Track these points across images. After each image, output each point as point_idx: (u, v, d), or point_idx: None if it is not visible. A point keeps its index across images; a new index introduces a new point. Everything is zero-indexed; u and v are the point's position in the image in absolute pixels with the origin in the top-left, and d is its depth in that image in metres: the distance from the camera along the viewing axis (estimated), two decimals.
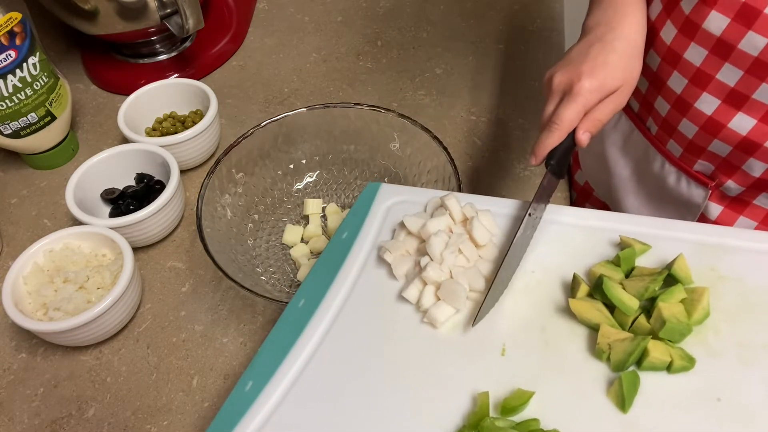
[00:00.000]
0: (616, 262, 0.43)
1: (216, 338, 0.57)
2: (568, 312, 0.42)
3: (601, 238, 0.46)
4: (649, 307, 0.40)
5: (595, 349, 0.39)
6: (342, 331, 0.42)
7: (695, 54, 0.50)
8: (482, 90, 0.79)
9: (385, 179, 0.65)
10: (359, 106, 0.62)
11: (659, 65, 0.54)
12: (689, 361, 0.38)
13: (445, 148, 0.58)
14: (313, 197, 0.65)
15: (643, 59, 0.52)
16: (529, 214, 0.45)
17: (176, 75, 0.81)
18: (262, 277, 0.58)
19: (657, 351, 0.38)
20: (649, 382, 0.37)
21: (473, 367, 0.40)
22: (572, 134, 0.47)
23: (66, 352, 0.57)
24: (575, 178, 0.77)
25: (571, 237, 0.46)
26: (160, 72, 0.81)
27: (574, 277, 0.43)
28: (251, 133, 0.61)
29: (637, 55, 0.50)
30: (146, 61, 0.83)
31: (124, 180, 0.67)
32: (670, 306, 0.39)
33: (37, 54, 0.65)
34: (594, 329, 0.40)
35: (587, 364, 0.39)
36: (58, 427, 0.53)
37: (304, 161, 0.66)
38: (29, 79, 0.64)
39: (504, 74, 0.81)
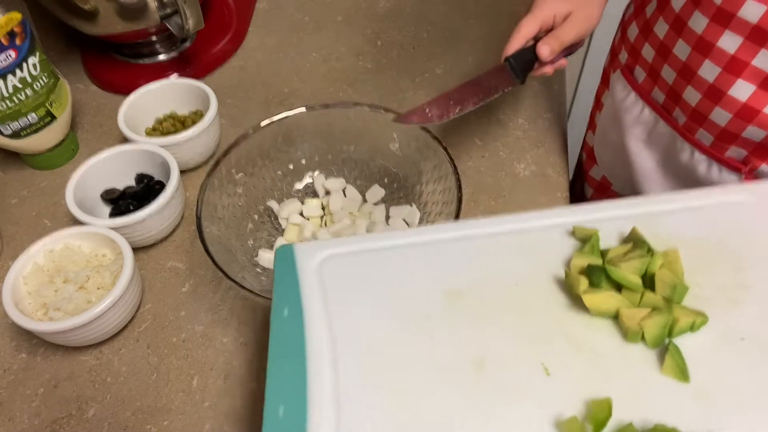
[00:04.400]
0: (588, 251, 0.42)
1: (216, 338, 0.57)
2: (577, 311, 0.40)
3: (551, 235, 0.45)
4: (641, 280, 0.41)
5: (627, 335, 0.38)
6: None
7: (730, 42, 0.51)
8: None
9: (385, 179, 0.65)
10: (359, 106, 0.62)
11: (689, 55, 0.55)
12: (704, 315, 0.38)
13: (445, 148, 0.58)
14: (313, 197, 0.65)
15: (671, 50, 0.56)
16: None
17: (176, 75, 0.81)
18: (263, 278, 0.58)
19: (683, 315, 0.38)
20: (682, 345, 0.38)
21: (529, 395, 0.37)
22: (534, 48, 0.56)
23: (66, 352, 0.57)
24: (591, 174, 0.78)
25: (525, 242, 0.45)
26: (160, 72, 0.81)
27: (567, 274, 0.42)
28: (251, 134, 0.61)
29: None
30: (146, 61, 0.83)
31: (124, 180, 0.67)
32: (663, 272, 0.40)
33: (37, 54, 0.65)
34: (609, 317, 0.39)
35: (625, 350, 0.38)
36: (58, 427, 0.53)
37: (304, 161, 0.66)
38: (29, 80, 0.65)
39: None
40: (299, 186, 0.66)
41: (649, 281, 0.40)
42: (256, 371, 0.55)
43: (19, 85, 0.64)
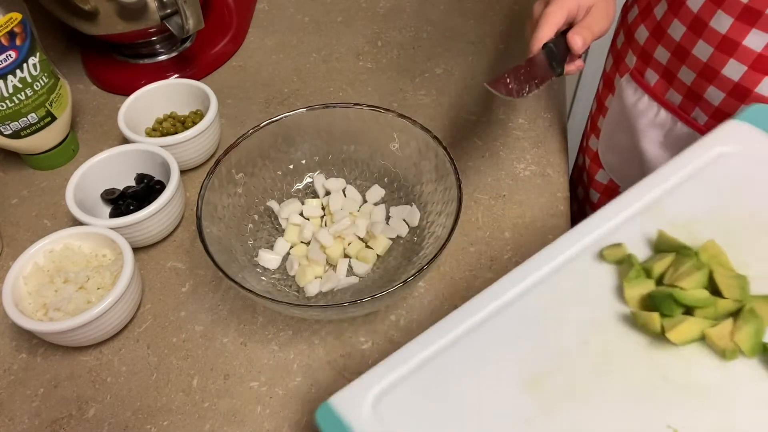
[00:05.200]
0: (635, 276, 0.39)
1: (216, 338, 0.57)
2: (661, 348, 0.37)
3: (582, 269, 0.41)
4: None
5: (725, 354, 0.36)
6: None
7: (757, 40, 0.51)
8: (482, 90, 0.79)
9: (385, 179, 0.65)
10: (359, 106, 0.62)
11: (711, 55, 0.55)
12: None
13: (445, 148, 0.58)
14: (313, 197, 0.65)
15: (689, 51, 0.56)
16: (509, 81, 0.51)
17: (176, 75, 0.81)
18: (263, 278, 0.58)
19: (763, 309, 0.36)
20: None
21: None
22: (565, 38, 0.53)
23: (66, 352, 0.57)
24: (596, 179, 0.78)
25: (561, 289, 0.41)
26: (160, 72, 0.81)
27: (636, 315, 0.38)
28: (251, 134, 0.61)
29: None
30: (146, 61, 0.83)
31: (125, 180, 0.67)
32: (719, 273, 0.38)
33: (38, 54, 0.65)
34: (695, 341, 0.37)
35: (731, 370, 0.36)
36: (59, 427, 0.53)
37: (304, 161, 0.66)
38: (29, 80, 0.65)
39: None
40: (299, 186, 0.66)
41: (713, 288, 0.38)
42: (256, 371, 0.55)
43: (19, 85, 0.64)
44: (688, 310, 0.38)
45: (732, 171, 0.44)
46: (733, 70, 0.54)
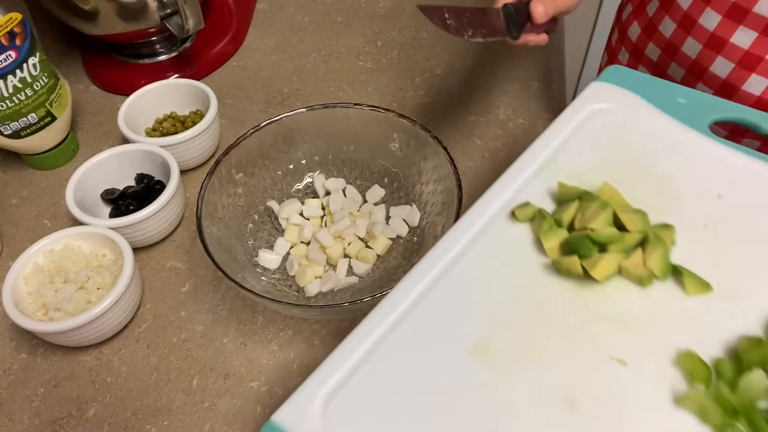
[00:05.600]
0: (548, 228, 0.42)
1: (216, 338, 0.57)
2: (588, 289, 0.40)
3: (499, 231, 0.43)
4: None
5: (642, 282, 0.39)
6: None
7: (744, 37, 0.52)
8: (482, 90, 0.79)
9: (385, 179, 0.65)
10: (359, 106, 0.62)
11: (700, 52, 0.55)
12: (670, 225, 0.42)
13: (445, 148, 0.58)
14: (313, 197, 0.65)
15: (679, 48, 0.56)
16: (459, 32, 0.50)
17: (176, 75, 0.81)
18: (263, 278, 0.58)
19: (665, 236, 0.40)
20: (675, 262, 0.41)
21: (630, 385, 0.36)
22: (528, 6, 0.52)
23: (66, 352, 0.57)
24: None
25: (485, 253, 0.42)
26: (160, 72, 0.81)
27: (558, 261, 0.40)
28: (251, 134, 0.61)
29: None
30: (146, 61, 0.83)
31: (124, 180, 0.67)
32: (622, 208, 0.42)
33: (37, 54, 0.65)
34: (615, 276, 0.40)
35: (652, 295, 0.39)
36: (59, 427, 0.53)
37: (304, 161, 0.66)
38: (29, 80, 0.65)
39: (504, 74, 0.81)
40: (299, 186, 0.66)
41: (618, 225, 0.42)
42: (256, 371, 0.55)
43: (19, 85, 0.64)
44: (602, 248, 0.41)
45: (607, 123, 0.49)
46: (721, 67, 0.54)
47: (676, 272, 0.40)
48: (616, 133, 0.48)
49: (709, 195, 0.44)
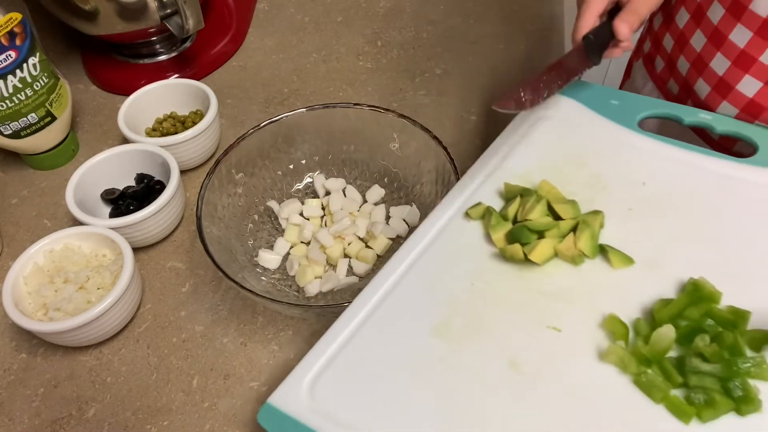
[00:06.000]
0: (496, 222, 0.48)
1: (216, 338, 0.57)
2: (529, 270, 0.46)
3: (456, 229, 0.50)
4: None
5: (574, 261, 0.45)
6: None
7: (740, 35, 0.51)
8: (482, 90, 0.79)
9: (385, 179, 0.65)
10: (359, 106, 0.62)
11: (704, 46, 0.55)
12: (599, 211, 0.48)
13: (445, 148, 0.58)
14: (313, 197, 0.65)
15: (688, 40, 0.56)
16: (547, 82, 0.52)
17: (176, 75, 0.81)
18: (263, 278, 0.58)
19: (594, 221, 0.46)
20: (604, 241, 0.47)
21: (567, 348, 0.42)
22: (610, 25, 0.51)
23: (66, 352, 0.57)
24: None
25: (444, 250, 0.49)
26: (160, 72, 0.81)
27: (503, 249, 0.47)
28: (251, 134, 0.61)
29: None
30: (146, 61, 0.83)
31: (124, 180, 0.67)
32: (556, 200, 0.49)
33: (37, 54, 0.65)
34: (551, 258, 0.46)
35: (583, 271, 0.46)
36: (59, 427, 0.53)
37: (304, 161, 0.66)
38: (29, 80, 0.65)
39: (504, 74, 0.81)
40: (299, 186, 0.66)
41: (554, 215, 0.48)
42: (256, 371, 0.55)
43: (19, 85, 0.64)
44: (541, 235, 0.46)
45: (550, 130, 0.55)
46: (719, 63, 0.54)
47: (603, 250, 0.46)
48: (556, 137, 0.55)
49: (635, 182, 0.50)
